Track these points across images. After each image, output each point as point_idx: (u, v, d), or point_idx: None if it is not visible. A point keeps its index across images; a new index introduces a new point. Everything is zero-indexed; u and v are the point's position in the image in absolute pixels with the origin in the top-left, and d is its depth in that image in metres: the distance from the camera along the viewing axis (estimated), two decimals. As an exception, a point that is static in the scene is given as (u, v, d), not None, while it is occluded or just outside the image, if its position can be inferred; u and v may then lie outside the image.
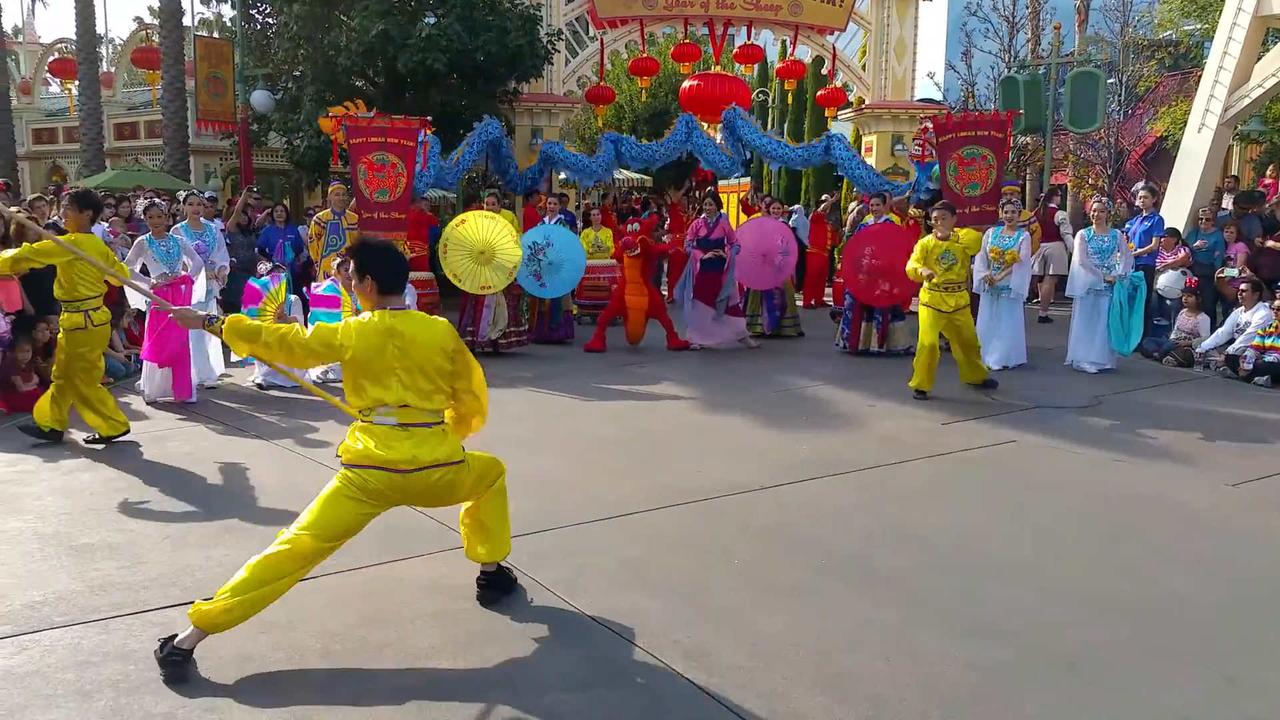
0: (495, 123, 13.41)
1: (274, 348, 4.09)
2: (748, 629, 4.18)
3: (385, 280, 4.03)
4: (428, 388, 4.01)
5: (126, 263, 8.70)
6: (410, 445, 3.97)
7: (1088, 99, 16.74)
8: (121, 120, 25.35)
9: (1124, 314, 10.17)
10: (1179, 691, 3.71)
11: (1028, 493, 6.26)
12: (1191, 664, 3.93)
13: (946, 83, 26.93)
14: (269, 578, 3.80)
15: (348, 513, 3.96)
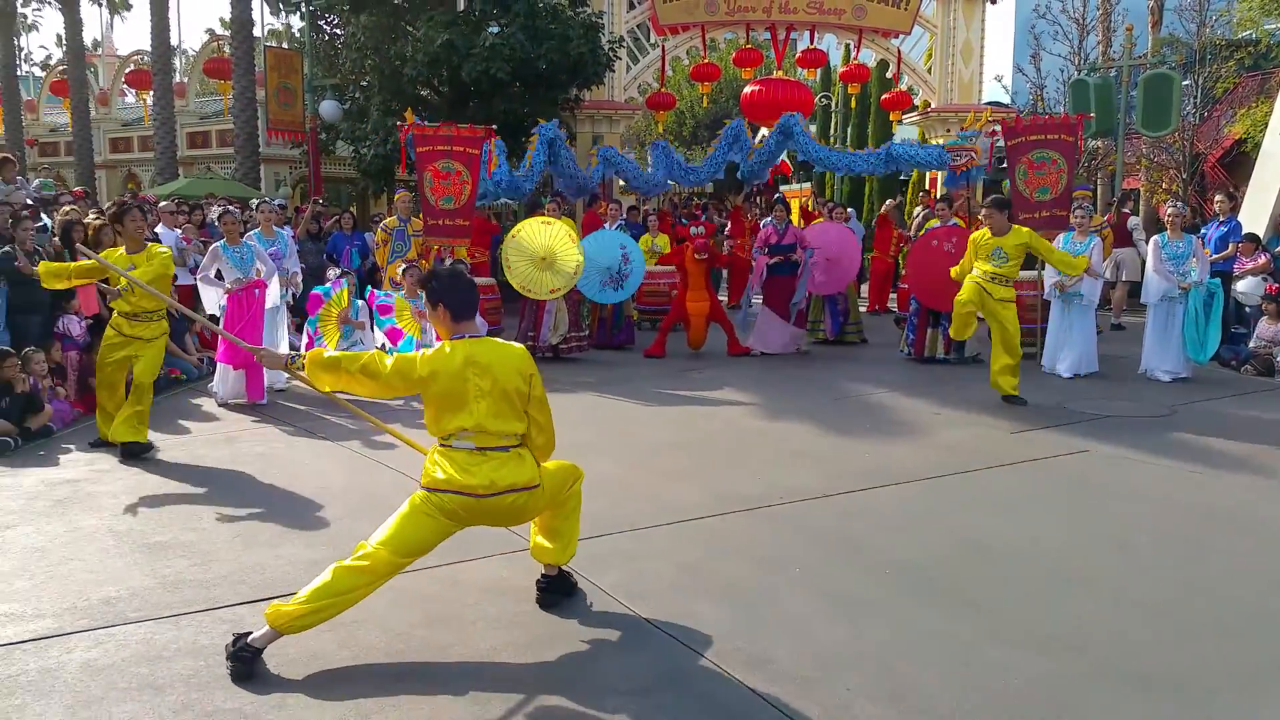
0: (551, 124, 13.48)
1: (356, 378, 4.18)
2: (810, 638, 4.12)
3: (457, 307, 4.06)
4: (506, 412, 4.02)
5: (201, 269, 8.93)
6: (488, 469, 3.98)
7: (1161, 101, 16.36)
8: (194, 129, 25.96)
9: (1200, 322, 9.89)
10: (1258, 713, 3.59)
11: (1100, 504, 6.07)
12: (1272, 685, 3.79)
13: (1014, 86, 26.54)
14: (344, 589, 3.85)
15: (425, 530, 4.00)
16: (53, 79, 30.84)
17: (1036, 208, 11.45)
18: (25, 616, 4.28)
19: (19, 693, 3.61)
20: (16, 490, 6.24)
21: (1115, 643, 4.11)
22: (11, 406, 7.44)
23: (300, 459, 7.06)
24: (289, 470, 6.72)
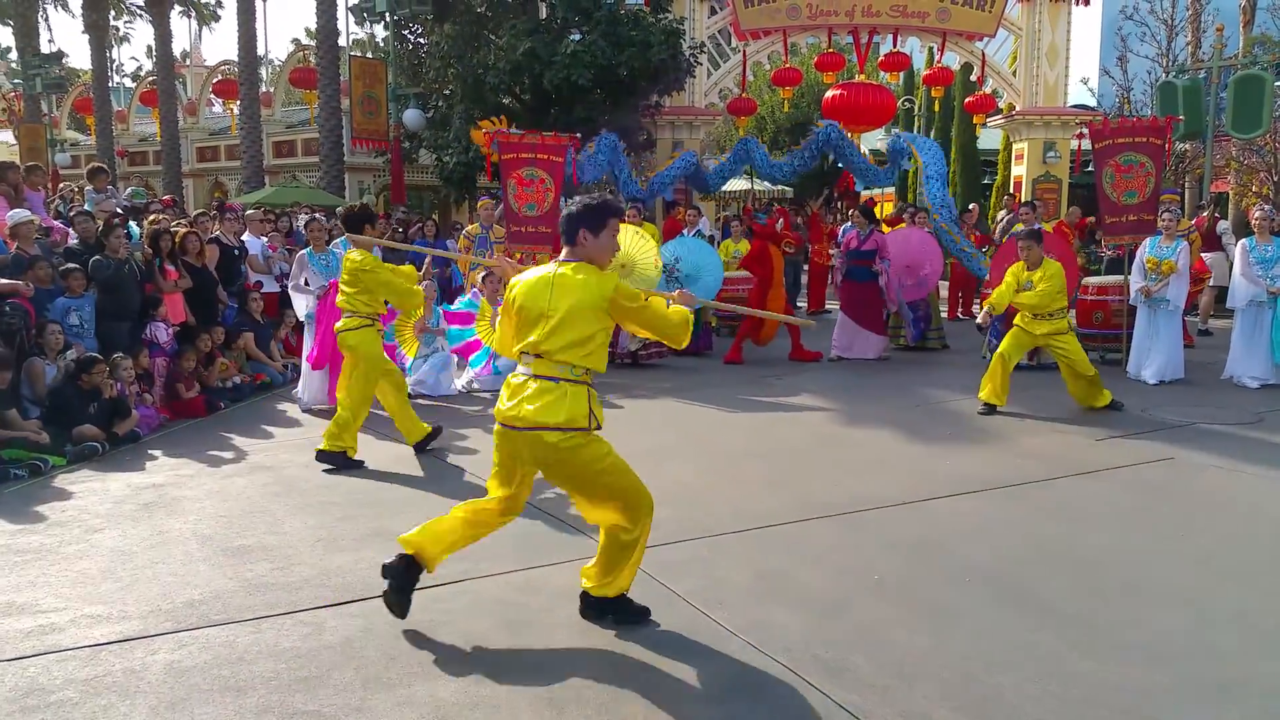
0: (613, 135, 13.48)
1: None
2: (890, 646, 4.05)
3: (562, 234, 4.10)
4: (570, 337, 3.91)
5: (292, 278, 9.09)
6: (524, 400, 3.93)
7: (1252, 103, 15.87)
8: (280, 138, 26.58)
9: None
10: None
11: (1187, 513, 5.92)
12: None
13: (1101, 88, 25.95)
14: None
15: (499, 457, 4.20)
16: (142, 89, 31.91)
17: (1124, 211, 11.14)
18: (111, 618, 4.35)
19: (105, 693, 3.67)
20: (104, 495, 6.38)
21: (1200, 653, 4.01)
22: (99, 412, 7.63)
23: (382, 464, 7.11)
24: (371, 475, 6.79)
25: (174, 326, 9.26)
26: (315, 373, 8.92)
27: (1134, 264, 10.40)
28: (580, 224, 3.97)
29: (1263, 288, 9.71)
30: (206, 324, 9.64)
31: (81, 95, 32.08)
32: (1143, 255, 10.21)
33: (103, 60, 29.46)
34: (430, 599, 4.53)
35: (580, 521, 5.56)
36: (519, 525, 5.58)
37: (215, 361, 9.47)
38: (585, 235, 3.97)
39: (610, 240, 4.03)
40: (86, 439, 7.38)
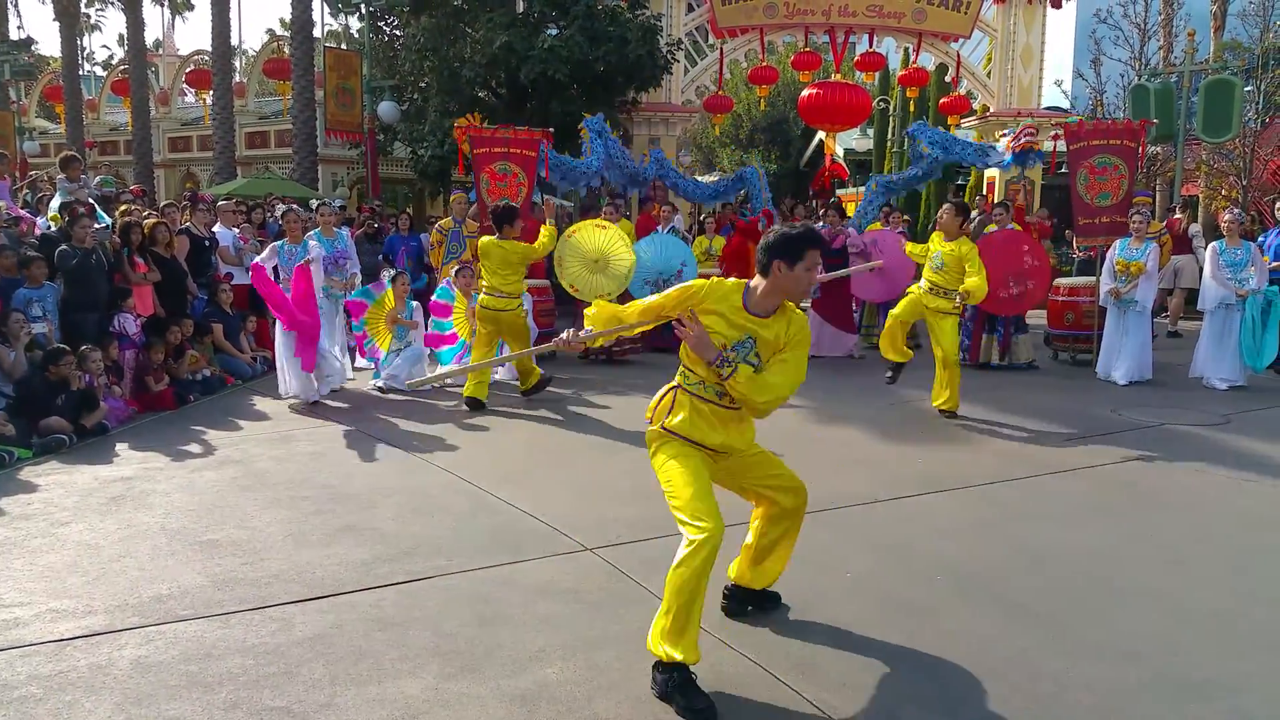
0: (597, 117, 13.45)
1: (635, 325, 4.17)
2: (861, 644, 4.07)
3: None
4: None
5: (262, 261, 9.00)
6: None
7: (1222, 107, 16.07)
8: (253, 129, 26.34)
9: (1257, 330, 9.77)
10: None
11: (1155, 512, 5.99)
12: None
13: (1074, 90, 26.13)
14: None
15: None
16: (114, 78, 31.51)
17: (1097, 213, 11.25)
18: (77, 613, 4.29)
19: (69, 689, 3.62)
20: (70, 487, 6.30)
21: (1170, 652, 4.05)
22: (67, 404, 7.54)
23: (353, 459, 7.07)
24: (342, 470, 6.73)
25: (142, 318, 9.14)
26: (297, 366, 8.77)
27: (1104, 266, 10.50)
28: (774, 255, 3.71)
29: (1231, 290, 9.81)
30: (176, 316, 9.54)
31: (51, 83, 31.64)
32: (1113, 257, 10.31)
33: (73, 48, 29.08)
34: (403, 594, 4.51)
35: (558, 518, 5.56)
36: (496, 520, 5.59)
37: (185, 354, 9.36)
38: (780, 266, 3.71)
39: (807, 274, 3.74)
40: (53, 431, 7.29)
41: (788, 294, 3.78)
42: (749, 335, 3.76)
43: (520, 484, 6.33)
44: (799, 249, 3.69)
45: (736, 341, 3.75)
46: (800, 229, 3.74)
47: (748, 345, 3.76)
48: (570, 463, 6.93)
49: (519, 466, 6.85)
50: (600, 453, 7.21)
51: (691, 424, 3.89)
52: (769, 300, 3.79)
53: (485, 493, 6.12)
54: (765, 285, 3.77)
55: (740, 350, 3.75)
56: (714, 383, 3.83)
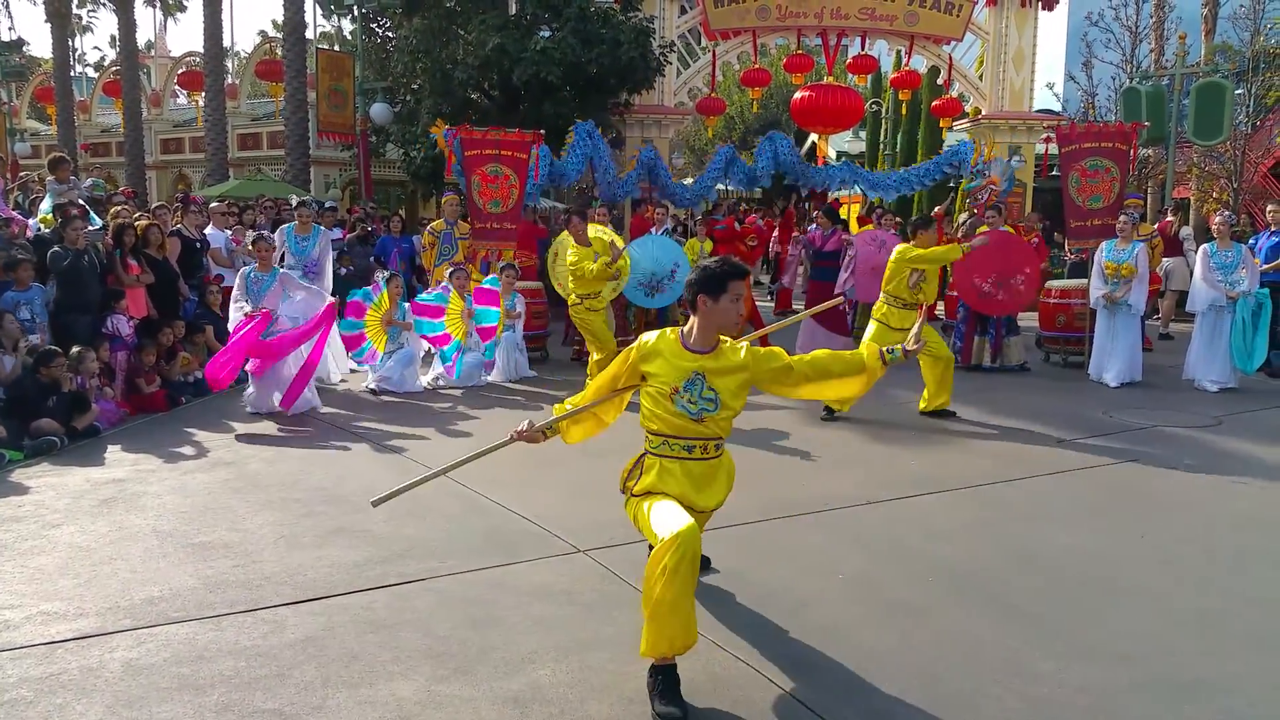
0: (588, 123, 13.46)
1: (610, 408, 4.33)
2: (854, 645, 4.08)
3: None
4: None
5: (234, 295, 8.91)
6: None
7: (1213, 110, 16.12)
8: (245, 131, 26.28)
9: (1247, 332, 9.80)
10: None
11: (1147, 513, 6.01)
12: None
13: (1066, 93, 26.23)
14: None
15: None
16: (106, 79, 31.36)
17: (1088, 215, 11.29)
18: (68, 615, 4.28)
19: (60, 691, 3.61)
20: (62, 489, 6.28)
21: (1161, 652, 4.07)
22: (58, 406, 7.51)
23: (344, 462, 7.06)
24: (333, 473, 6.72)
25: (135, 320, 9.11)
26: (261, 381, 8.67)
27: (1093, 268, 10.53)
28: (699, 290, 3.81)
29: (1222, 292, 9.84)
30: (168, 318, 9.51)
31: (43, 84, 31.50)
32: (1100, 260, 10.34)
33: (65, 49, 28.95)
34: (395, 596, 4.50)
35: (551, 520, 5.56)
36: (489, 522, 5.59)
37: (176, 356, 9.34)
38: (705, 301, 3.81)
39: (732, 305, 3.82)
40: (45, 433, 7.26)
41: (719, 327, 3.86)
42: (696, 372, 3.80)
43: (513, 486, 6.33)
44: (721, 282, 3.79)
45: (685, 382, 3.79)
46: (719, 263, 3.85)
47: (697, 382, 3.80)
48: (563, 465, 6.91)
49: (512, 469, 6.83)
50: (593, 455, 7.17)
51: (661, 482, 3.89)
52: (704, 335, 3.86)
53: (478, 495, 6.12)
54: (697, 321, 3.86)
55: (691, 389, 3.79)
56: (681, 439, 3.85)
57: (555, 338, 12.12)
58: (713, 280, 3.79)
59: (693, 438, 3.84)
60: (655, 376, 3.83)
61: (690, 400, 3.78)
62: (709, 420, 3.81)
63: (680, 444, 3.86)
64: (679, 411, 3.79)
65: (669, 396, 3.78)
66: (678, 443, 3.86)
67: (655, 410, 3.85)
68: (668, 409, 3.80)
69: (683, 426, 3.82)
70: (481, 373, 10.17)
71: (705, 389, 3.79)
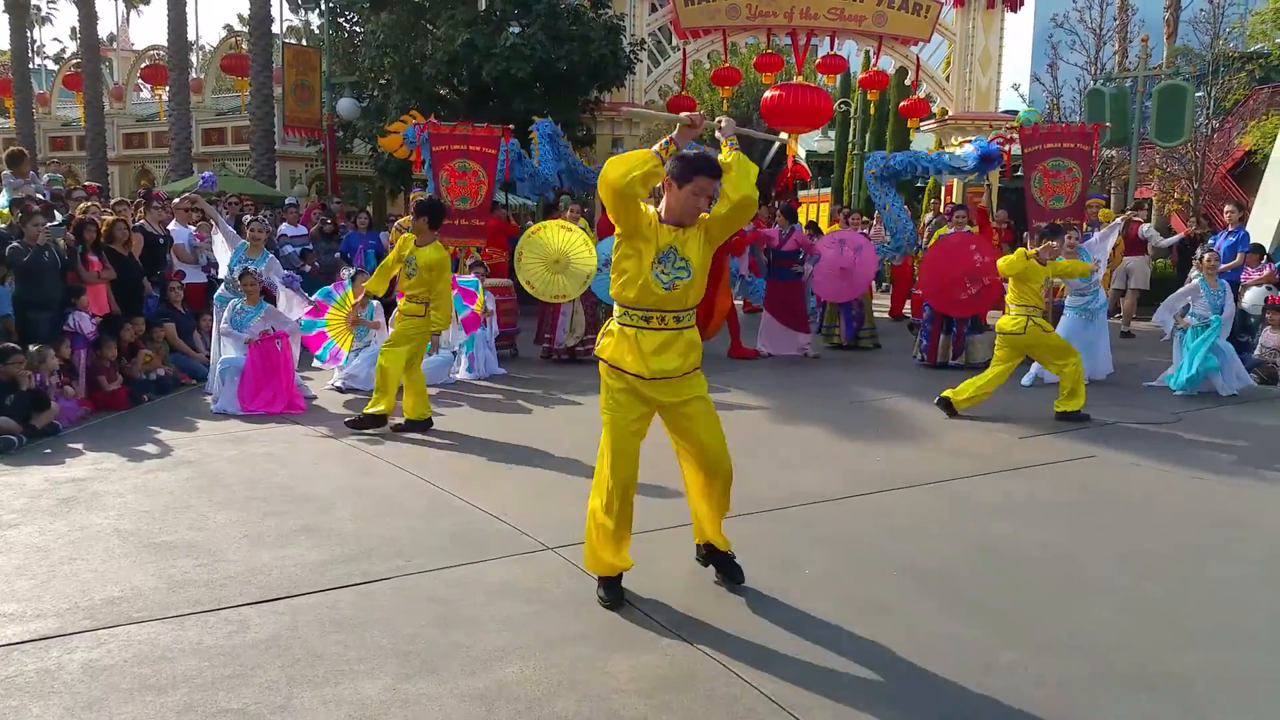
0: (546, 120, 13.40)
1: None
2: (819, 640, 4.09)
3: None
4: None
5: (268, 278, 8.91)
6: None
7: (1174, 112, 16.35)
8: (210, 126, 26.00)
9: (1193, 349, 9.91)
10: (1255, 716, 3.60)
11: (1108, 509, 6.09)
12: (1270, 688, 3.80)
13: (1031, 94, 26.46)
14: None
15: None
16: (66, 72, 30.94)
17: (1051, 215, 11.41)
18: (26, 617, 4.21)
19: (16, 694, 3.54)
20: (19, 489, 6.18)
21: (1123, 646, 4.11)
22: (16, 404, 7.39)
23: (309, 459, 7.00)
24: (298, 471, 6.66)
25: (98, 317, 8.99)
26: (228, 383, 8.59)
27: None
28: (669, 173, 4.10)
29: (1169, 322, 10.08)
30: (131, 315, 9.40)
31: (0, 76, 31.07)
32: None
33: (23, 41, 28.52)
34: (361, 595, 4.47)
35: (519, 518, 5.54)
36: (456, 520, 5.56)
37: (138, 353, 9.22)
38: (671, 185, 4.11)
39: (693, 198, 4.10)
40: (2, 432, 7.14)
41: (677, 213, 4.15)
42: (669, 245, 4.11)
43: (481, 484, 6.30)
44: (688, 173, 4.05)
45: (660, 254, 4.10)
46: (696, 155, 4.11)
47: (670, 254, 4.11)
48: (533, 462, 6.91)
49: (480, 466, 6.82)
50: (563, 451, 7.19)
51: (618, 350, 4.26)
52: (670, 214, 4.16)
53: (445, 493, 6.09)
54: (666, 198, 4.17)
55: (665, 261, 4.11)
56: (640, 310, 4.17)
57: (525, 335, 12.09)
58: (684, 168, 4.06)
59: (651, 309, 4.16)
60: (638, 252, 4.11)
61: (664, 271, 4.10)
62: (680, 288, 4.13)
63: (639, 314, 4.19)
64: (654, 281, 4.10)
65: (649, 269, 4.09)
66: (637, 313, 4.19)
67: (633, 278, 4.13)
68: (647, 279, 4.10)
69: (659, 299, 4.14)
70: (451, 369, 10.13)
71: (678, 259, 4.12)
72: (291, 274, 9.64)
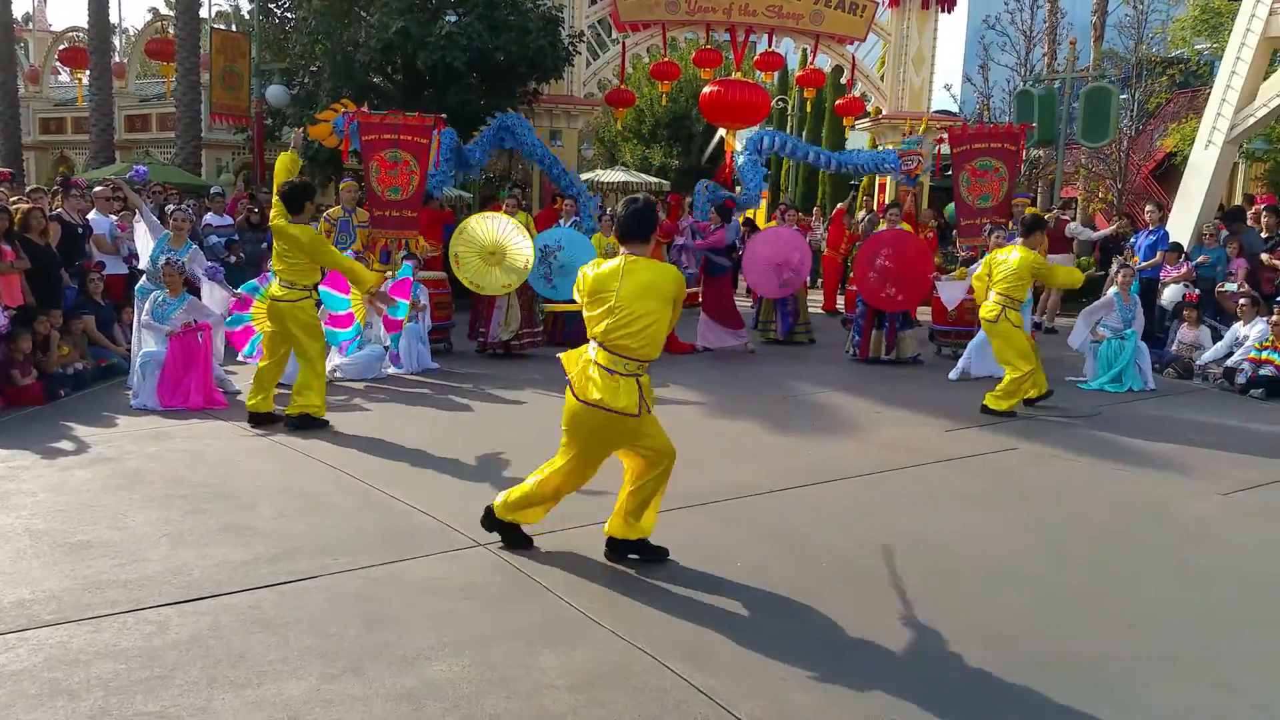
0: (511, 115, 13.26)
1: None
2: (750, 631, 4.14)
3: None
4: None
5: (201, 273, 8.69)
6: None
7: (1100, 114, 16.70)
8: (133, 112, 25.26)
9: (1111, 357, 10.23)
10: (1171, 697, 3.73)
11: (1030, 500, 6.26)
12: (1184, 671, 3.94)
13: (963, 95, 26.85)
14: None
15: None
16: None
17: (978, 214, 11.58)
18: (-70, 618, 4.04)
19: (-82, 700, 3.40)
20: (-74, 485, 5.94)
21: (1042, 632, 4.24)
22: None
23: (232, 456, 6.83)
24: (221, 467, 6.49)
25: (9, 310, 8.66)
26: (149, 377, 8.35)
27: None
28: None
29: (1084, 337, 10.36)
30: (48, 306, 9.08)
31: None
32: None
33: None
34: (285, 595, 4.37)
35: (449, 514, 5.45)
36: (384, 517, 5.46)
37: (53, 346, 8.91)
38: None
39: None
40: (-91, 426, 6.86)
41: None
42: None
43: (412, 480, 6.21)
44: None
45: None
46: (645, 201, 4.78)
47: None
48: (465, 457, 6.82)
49: (411, 462, 6.71)
50: (495, 447, 7.12)
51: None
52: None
53: (374, 489, 5.98)
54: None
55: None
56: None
57: (461, 328, 11.95)
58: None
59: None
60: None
61: None
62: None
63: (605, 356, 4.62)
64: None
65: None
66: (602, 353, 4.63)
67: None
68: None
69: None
70: (384, 364, 9.97)
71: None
72: (215, 265, 9.35)
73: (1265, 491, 6.56)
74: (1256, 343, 10.24)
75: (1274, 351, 10.04)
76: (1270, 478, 6.86)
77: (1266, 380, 9.92)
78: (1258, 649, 4.15)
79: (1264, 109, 13.84)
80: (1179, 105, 22.28)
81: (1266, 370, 9.98)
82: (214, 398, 8.36)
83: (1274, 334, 10.08)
